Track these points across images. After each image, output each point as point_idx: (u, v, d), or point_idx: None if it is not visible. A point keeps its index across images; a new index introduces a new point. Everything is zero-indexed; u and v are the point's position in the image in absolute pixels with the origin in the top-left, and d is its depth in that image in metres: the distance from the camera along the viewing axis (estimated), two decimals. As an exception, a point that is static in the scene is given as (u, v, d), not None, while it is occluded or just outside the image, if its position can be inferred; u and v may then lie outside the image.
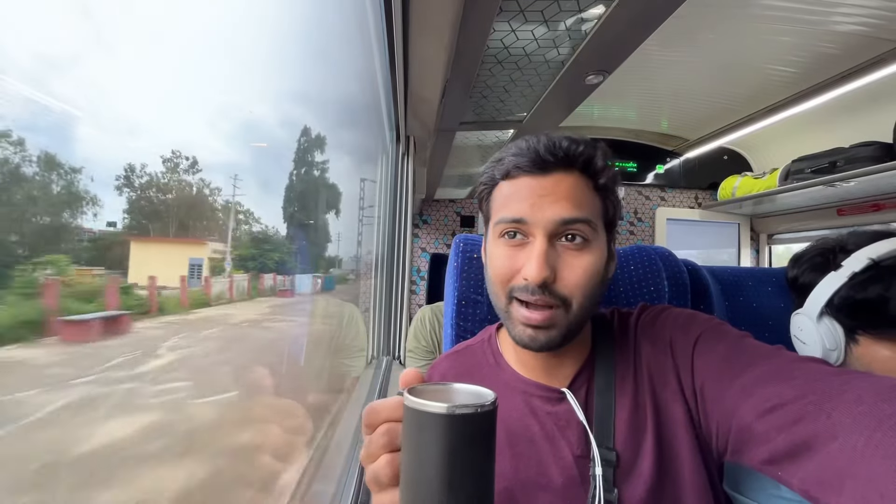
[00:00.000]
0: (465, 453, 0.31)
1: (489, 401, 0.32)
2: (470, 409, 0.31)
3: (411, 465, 0.32)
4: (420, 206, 3.14)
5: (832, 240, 0.73)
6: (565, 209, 0.50)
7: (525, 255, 0.51)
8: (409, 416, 0.32)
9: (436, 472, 0.31)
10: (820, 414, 0.37)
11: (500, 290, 0.54)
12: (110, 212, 0.53)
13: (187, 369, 0.68)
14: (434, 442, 0.31)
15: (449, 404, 0.30)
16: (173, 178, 0.67)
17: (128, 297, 0.59)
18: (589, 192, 0.52)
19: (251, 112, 0.79)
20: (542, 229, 0.50)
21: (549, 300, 0.50)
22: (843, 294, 0.66)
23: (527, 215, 0.51)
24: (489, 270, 0.56)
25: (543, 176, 0.51)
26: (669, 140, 3.04)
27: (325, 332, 1.48)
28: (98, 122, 0.47)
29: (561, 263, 0.50)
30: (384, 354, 1.65)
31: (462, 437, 0.31)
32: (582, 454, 0.53)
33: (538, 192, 0.51)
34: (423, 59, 0.99)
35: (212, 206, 0.78)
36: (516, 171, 0.53)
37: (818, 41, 1.72)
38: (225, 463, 0.72)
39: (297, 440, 0.90)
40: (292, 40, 0.98)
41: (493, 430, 0.32)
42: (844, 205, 2.37)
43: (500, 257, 0.53)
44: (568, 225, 0.50)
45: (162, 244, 0.70)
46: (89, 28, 0.46)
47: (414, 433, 0.32)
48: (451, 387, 0.36)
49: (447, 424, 0.30)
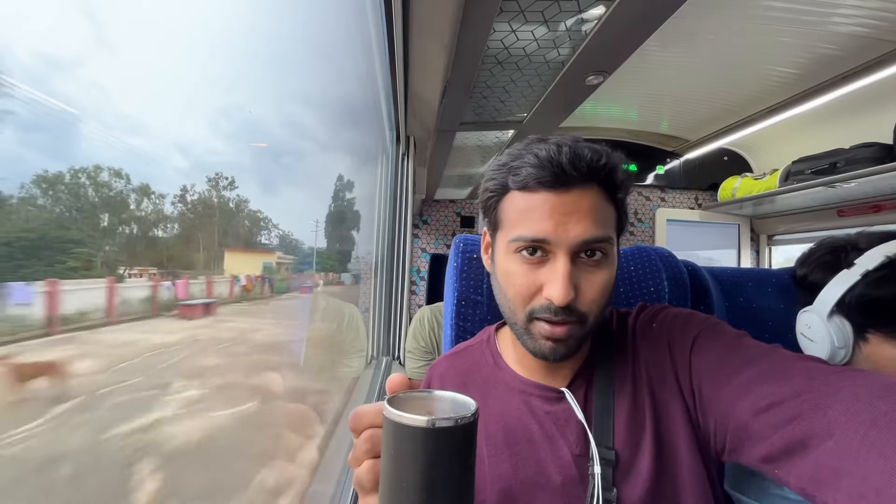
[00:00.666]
0: (445, 465, 0.31)
1: (470, 412, 0.32)
2: (449, 422, 0.30)
3: (390, 474, 0.32)
4: (420, 206, 3.14)
5: (841, 239, 0.73)
6: (588, 229, 0.48)
7: (546, 273, 0.50)
8: (388, 427, 0.32)
9: (414, 483, 0.31)
10: (816, 412, 0.38)
11: (517, 307, 0.52)
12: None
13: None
14: (413, 454, 0.31)
15: (428, 417, 0.30)
16: (216, 195, 0.82)
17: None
18: (608, 207, 0.51)
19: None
20: (566, 249, 0.48)
21: (570, 318, 0.49)
22: (858, 292, 0.65)
23: (550, 235, 0.48)
24: (504, 285, 0.54)
25: (566, 192, 0.49)
26: (669, 141, 3.04)
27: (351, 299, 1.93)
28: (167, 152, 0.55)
29: (581, 280, 0.49)
30: (384, 355, 1.65)
31: (441, 449, 0.30)
32: (581, 453, 0.53)
33: (560, 209, 0.48)
34: (423, 59, 0.99)
35: (246, 215, 1.00)
36: (535, 185, 0.49)
37: (818, 42, 1.72)
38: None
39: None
40: (291, 41, 0.98)
41: (473, 441, 0.32)
42: (845, 206, 2.37)
43: (518, 275, 0.51)
44: (590, 244, 0.49)
45: (244, 253, 0.98)
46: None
47: (393, 444, 0.32)
48: (433, 395, 0.36)
49: (426, 438, 0.30)
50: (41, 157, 0.43)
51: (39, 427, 0.51)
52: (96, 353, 0.58)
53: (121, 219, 0.60)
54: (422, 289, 3.15)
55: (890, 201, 2.14)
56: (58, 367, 0.53)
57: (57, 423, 0.54)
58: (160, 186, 0.62)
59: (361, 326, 1.72)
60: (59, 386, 0.54)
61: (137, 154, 0.55)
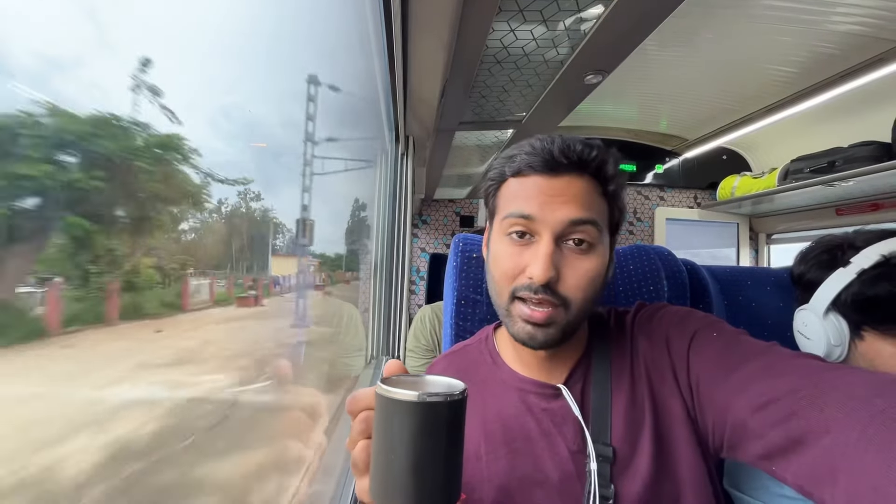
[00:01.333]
0: (432, 440, 0.32)
1: (458, 391, 0.33)
2: (439, 398, 0.32)
3: (380, 450, 0.33)
4: (419, 206, 3.14)
5: (838, 237, 0.73)
6: (573, 210, 0.50)
7: (530, 254, 0.51)
8: (380, 403, 0.33)
9: (403, 457, 0.32)
10: (813, 409, 0.38)
11: (502, 287, 0.53)
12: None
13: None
14: (402, 428, 0.32)
15: (419, 392, 0.32)
16: (246, 206, 0.97)
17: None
18: (598, 197, 0.52)
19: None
20: (550, 229, 0.50)
21: (550, 299, 0.50)
22: (854, 290, 0.66)
23: (535, 213, 0.51)
24: (492, 267, 0.56)
25: (555, 177, 0.51)
26: (668, 140, 3.04)
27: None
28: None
29: (565, 265, 0.50)
30: (383, 354, 1.65)
31: (429, 424, 0.32)
32: (578, 450, 0.53)
33: (548, 191, 0.51)
34: (422, 58, 0.99)
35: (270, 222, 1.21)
36: (528, 170, 0.52)
37: (817, 41, 1.72)
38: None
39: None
40: (291, 41, 0.98)
41: (461, 420, 0.33)
42: (843, 204, 2.37)
43: (505, 255, 0.53)
44: (575, 226, 0.50)
45: (285, 258, 1.28)
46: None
47: (384, 420, 0.33)
48: (425, 378, 0.38)
49: (415, 411, 0.32)
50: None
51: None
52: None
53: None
54: (421, 288, 3.15)
55: (888, 200, 2.15)
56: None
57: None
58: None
59: (360, 326, 1.72)
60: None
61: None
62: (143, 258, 0.63)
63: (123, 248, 0.59)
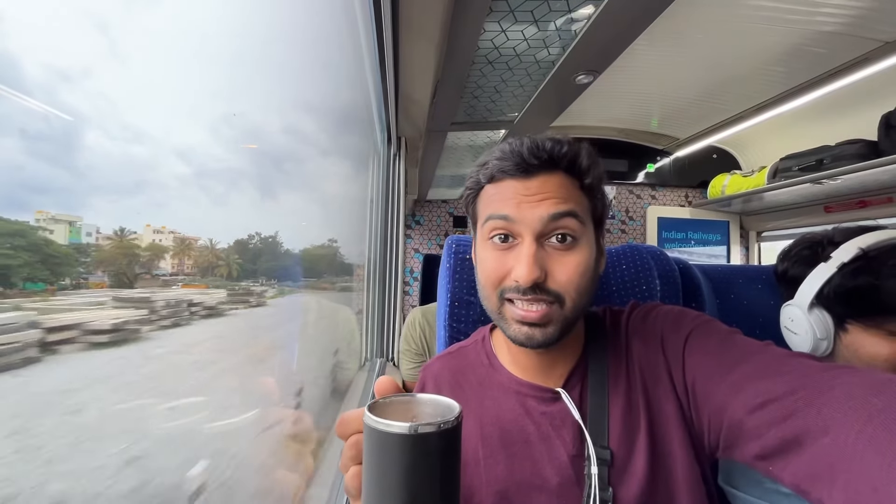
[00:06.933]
0: (427, 472, 0.30)
1: (452, 416, 0.31)
2: (431, 428, 0.29)
3: (372, 481, 0.31)
4: (412, 206, 3.14)
5: (818, 234, 0.75)
6: (550, 206, 0.50)
7: (514, 256, 0.51)
8: (368, 434, 0.31)
9: (396, 490, 0.30)
10: (810, 409, 0.38)
11: (491, 292, 0.53)
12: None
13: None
14: (393, 462, 0.30)
15: (409, 423, 0.29)
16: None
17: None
18: (575, 191, 0.52)
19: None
20: (530, 229, 0.50)
21: (541, 297, 0.50)
22: (835, 283, 0.67)
23: (513, 213, 0.51)
24: (479, 273, 0.56)
25: (529, 178, 0.51)
26: (659, 139, 3.06)
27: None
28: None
29: (551, 263, 0.50)
30: (377, 356, 1.65)
31: (422, 455, 0.30)
32: (577, 453, 0.53)
33: (523, 192, 0.51)
34: (413, 60, 0.99)
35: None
36: (501, 175, 0.52)
37: (804, 40, 1.74)
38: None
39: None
40: (282, 43, 0.97)
41: (456, 446, 0.31)
42: (831, 202, 2.40)
43: (489, 260, 0.53)
44: (555, 220, 0.50)
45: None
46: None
47: (374, 451, 0.31)
48: (416, 399, 0.35)
49: (407, 445, 0.29)
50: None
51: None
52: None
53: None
54: (415, 289, 3.14)
55: (875, 196, 2.18)
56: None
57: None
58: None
59: (355, 328, 1.71)
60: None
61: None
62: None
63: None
